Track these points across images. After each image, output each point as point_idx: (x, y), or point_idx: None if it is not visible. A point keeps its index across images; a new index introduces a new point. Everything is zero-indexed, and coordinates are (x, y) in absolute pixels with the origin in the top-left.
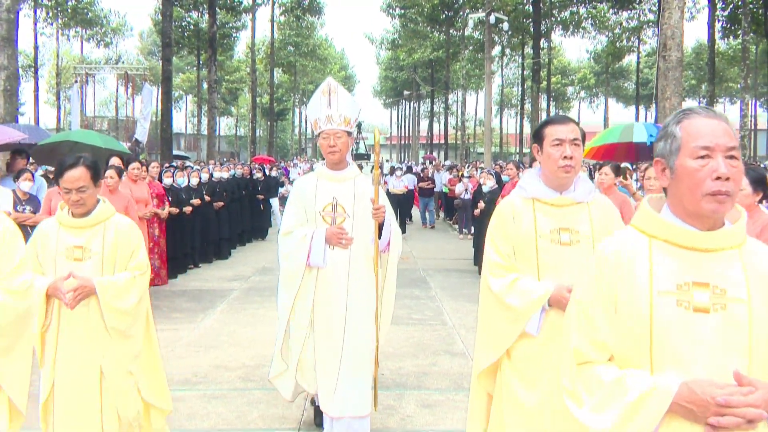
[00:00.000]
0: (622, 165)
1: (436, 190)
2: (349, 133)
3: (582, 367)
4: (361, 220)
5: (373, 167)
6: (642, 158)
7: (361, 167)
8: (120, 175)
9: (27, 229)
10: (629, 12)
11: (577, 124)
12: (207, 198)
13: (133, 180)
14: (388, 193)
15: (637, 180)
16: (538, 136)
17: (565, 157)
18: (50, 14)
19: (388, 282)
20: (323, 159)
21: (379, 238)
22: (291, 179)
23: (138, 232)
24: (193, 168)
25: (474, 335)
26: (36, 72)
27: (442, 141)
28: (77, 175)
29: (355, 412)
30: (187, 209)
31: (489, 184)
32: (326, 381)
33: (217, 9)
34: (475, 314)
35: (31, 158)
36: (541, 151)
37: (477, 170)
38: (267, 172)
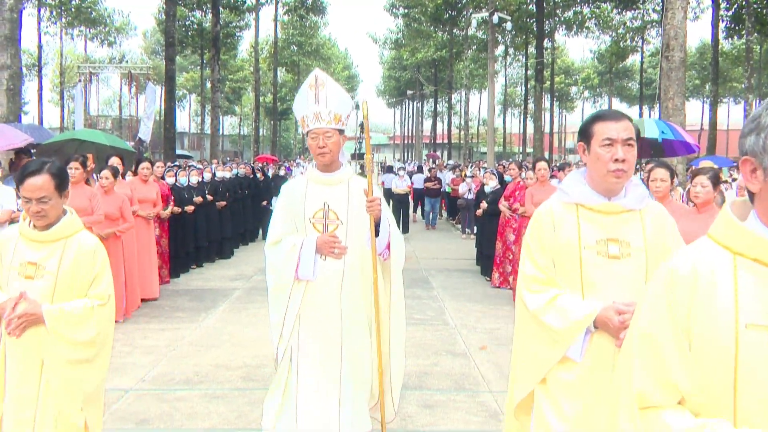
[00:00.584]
0: None
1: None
2: (341, 131)
3: (647, 413)
4: (356, 227)
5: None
6: (644, 155)
7: (362, 166)
8: (116, 175)
9: None
10: (633, 12)
11: (631, 120)
12: (210, 197)
13: (143, 180)
14: (391, 193)
15: (641, 180)
16: (585, 134)
17: (616, 159)
18: (54, 13)
19: (395, 298)
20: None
21: (377, 237)
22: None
23: (103, 255)
24: (194, 167)
25: (476, 335)
26: (40, 71)
27: (446, 140)
28: (39, 183)
29: (361, 430)
30: (189, 208)
31: (491, 184)
32: (321, 408)
33: (220, 8)
34: (477, 314)
35: (35, 157)
36: (587, 150)
37: (480, 170)
38: (273, 172)
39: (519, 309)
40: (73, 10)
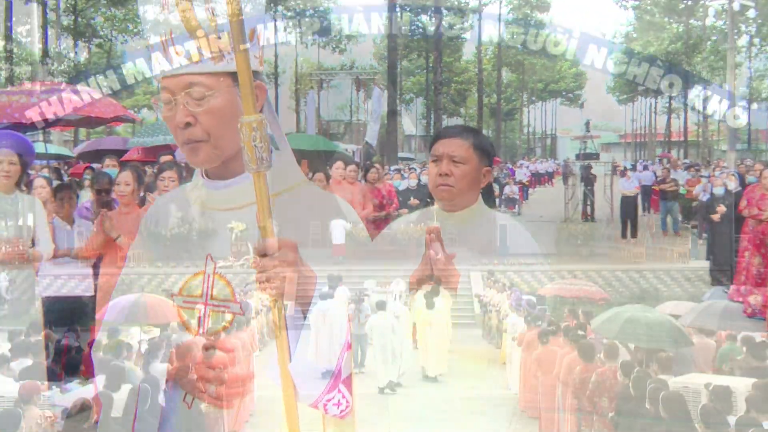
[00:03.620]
0: None
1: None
2: (231, 77)
3: None
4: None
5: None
6: None
7: (590, 167)
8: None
9: None
10: None
11: None
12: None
13: (337, 182)
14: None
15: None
16: None
17: None
18: (290, 24)
19: None
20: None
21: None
22: (516, 180)
23: None
24: (415, 169)
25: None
26: (276, 79)
27: (682, 138)
28: None
29: None
30: (402, 212)
31: (731, 185)
32: None
33: (443, 10)
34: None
35: None
36: None
37: (720, 169)
38: (495, 175)
39: None
40: (307, 20)
